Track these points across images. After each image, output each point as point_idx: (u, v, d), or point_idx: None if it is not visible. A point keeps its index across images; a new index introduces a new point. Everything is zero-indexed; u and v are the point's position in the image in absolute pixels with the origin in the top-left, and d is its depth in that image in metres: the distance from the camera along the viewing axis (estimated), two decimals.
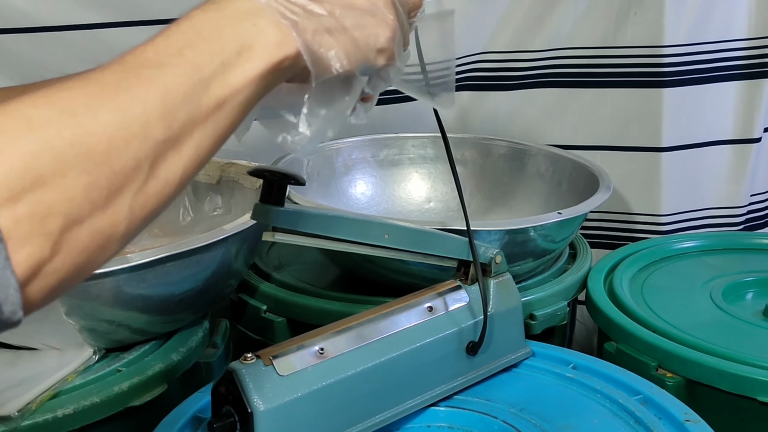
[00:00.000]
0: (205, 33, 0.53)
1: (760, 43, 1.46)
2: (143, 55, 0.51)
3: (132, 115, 0.47)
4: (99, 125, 0.46)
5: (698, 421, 0.86)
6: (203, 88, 0.51)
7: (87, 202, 0.45)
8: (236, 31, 0.54)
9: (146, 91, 0.48)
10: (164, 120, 0.49)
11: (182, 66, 0.51)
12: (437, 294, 0.93)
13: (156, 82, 0.49)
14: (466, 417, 0.90)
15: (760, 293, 1.26)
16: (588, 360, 1.00)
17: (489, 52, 1.52)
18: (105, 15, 1.31)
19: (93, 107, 0.46)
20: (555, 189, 1.37)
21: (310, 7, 0.57)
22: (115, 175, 0.46)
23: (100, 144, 0.45)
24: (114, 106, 0.47)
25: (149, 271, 0.96)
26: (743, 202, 1.55)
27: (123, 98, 0.47)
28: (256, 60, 0.54)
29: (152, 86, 0.49)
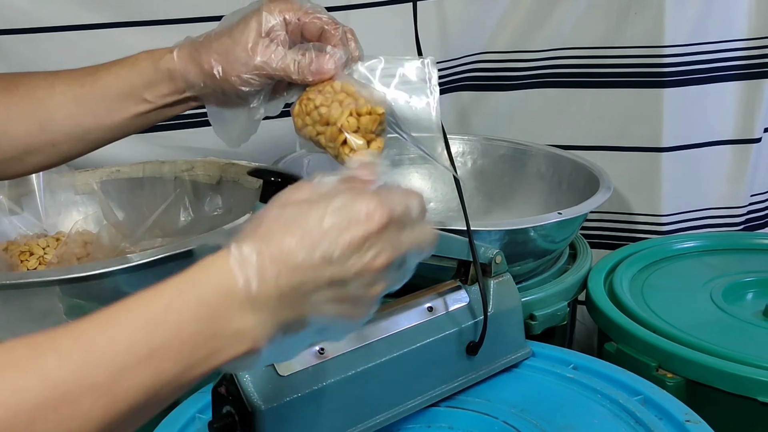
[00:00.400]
0: (183, 336, 0.50)
1: (760, 43, 1.46)
2: (115, 348, 0.48)
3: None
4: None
5: (699, 421, 0.86)
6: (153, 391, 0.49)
7: None
8: (214, 333, 0.51)
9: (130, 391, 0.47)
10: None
11: (147, 375, 0.48)
12: (437, 294, 0.93)
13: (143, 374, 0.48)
14: (466, 417, 0.90)
15: (760, 293, 1.26)
16: (588, 360, 1.00)
17: (489, 52, 1.52)
18: (105, 15, 1.31)
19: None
20: (555, 189, 1.37)
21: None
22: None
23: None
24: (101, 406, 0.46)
25: (149, 271, 0.96)
26: (743, 202, 1.55)
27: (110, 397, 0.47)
28: (217, 360, 0.52)
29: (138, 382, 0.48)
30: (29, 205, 1.27)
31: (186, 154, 1.37)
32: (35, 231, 1.26)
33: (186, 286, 0.52)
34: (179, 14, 1.32)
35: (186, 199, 1.31)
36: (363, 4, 1.40)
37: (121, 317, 0.50)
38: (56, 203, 1.29)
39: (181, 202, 1.31)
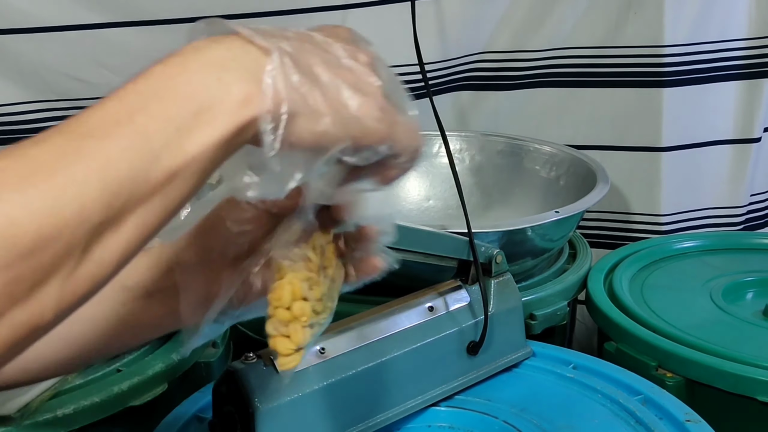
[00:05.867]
0: (161, 93, 0.46)
1: (760, 43, 1.46)
2: (89, 123, 0.44)
3: (66, 199, 0.41)
4: (27, 213, 0.40)
5: (699, 421, 0.86)
6: (152, 160, 0.44)
7: (7, 298, 0.40)
8: (195, 89, 0.46)
9: (85, 169, 0.42)
10: (103, 200, 0.43)
11: (129, 136, 0.44)
12: (438, 294, 0.93)
13: (97, 157, 0.43)
14: (466, 417, 0.90)
15: (760, 293, 1.26)
16: (588, 360, 1.00)
17: (489, 52, 1.52)
18: (105, 15, 1.31)
19: (23, 191, 0.40)
20: (553, 184, 1.37)
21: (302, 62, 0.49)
22: (42, 267, 0.41)
23: (26, 235, 0.40)
24: (46, 189, 0.41)
25: None
26: (743, 202, 1.55)
27: (58, 179, 0.41)
28: (215, 123, 0.46)
29: (92, 162, 0.42)
30: None
31: None
32: None
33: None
34: (179, 14, 1.32)
35: None
36: (361, 4, 1.41)
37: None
38: None
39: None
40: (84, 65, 1.33)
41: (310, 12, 1.39)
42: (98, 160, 0.43)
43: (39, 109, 1.34)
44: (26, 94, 1.33)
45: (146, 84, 0.46)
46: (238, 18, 1.35)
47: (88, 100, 1.35)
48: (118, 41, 1.32)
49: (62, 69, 1.32)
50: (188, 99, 0.46)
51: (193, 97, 0.46)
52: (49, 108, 1.34)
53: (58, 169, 0.41)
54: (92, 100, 1.36)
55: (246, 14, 1.36)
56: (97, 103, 0.46)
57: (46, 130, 0.44)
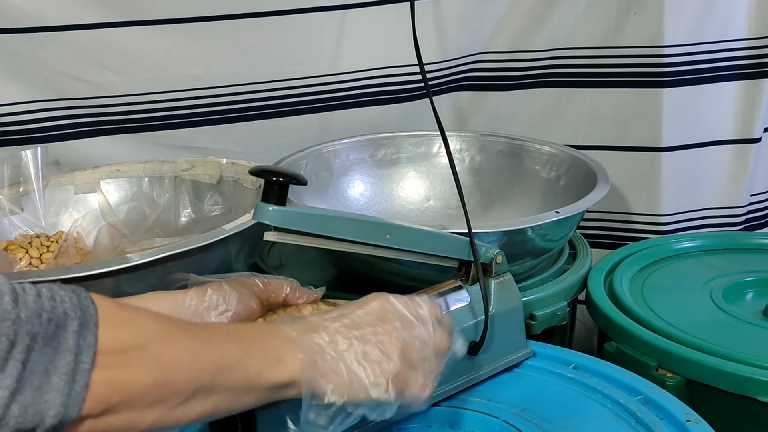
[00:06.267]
0: (261, 337, 0.69)
1: (760, 43, 1.46)
2: (223, 328, 0.72)
3: (198, 364, 0.63)
4: (180, 361, 0.62)
5: (699, 421, 0.86)
6: (245, 372, 0.66)
7: (139, 397, 0.59)
8: (278, 347, 0.68)
9: (211, 353, 0.64)
10: (210, 376, 0.63)
11: (241, 351, 0.66)
12: (438, 294, 0.93)
13: (220, 351, 0.65)
14: (467, 417, 0.90)
15: (760, 293, 1.26)
16: (589, 360, 1.00)
17: (489, 52, 1.52)
18: (105, 15, 1.31)
19: (182, 348, 0.63)
20: (553, 184, 1.37)
21: (327, 349, 0.70)
22: (163, 396, 0.60)
23: (176, 375, 0.61)
24: (194, 347, 0.63)
25: (149, 271, 0.96)
26: (743, 202, 1.55)
27: (202, 346, 0.64)
28: (284, 371, 0.67)
29: (217, 352, 0.64)
30: (29, 205, 1.27)
31: (186, 153, 1.37)
32: (35, 231, 1.26)
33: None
34: (179, 14, 1.33)
35: (186, 198, 1.31)
36: (361, 4, 1.41)
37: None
38: (56, 203, 1.29)
39: (181, 202, 1.31)
40: (84, 65, 1.33)
41: (310, 12, 1.39)
42: (220, 352, 0.65)
43: (39, 109, 1.34)
44: (26, 94, 1.32)
45: (255, 330, 0.73)
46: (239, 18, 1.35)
47: (88, 99, 1.35)
48: (118, 41, 1.32)
49: (62, 69, 1.32)
50: (275, 350, 0.68)
51: (277, 351, 0.68)
52: (49, 108, 1.34)
53: (198, 346, 0.64)
54: (92, 100, 1.37)
55: (246, 14, 1.36)
56: (231, 324, 0.79)
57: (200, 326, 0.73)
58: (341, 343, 0.71)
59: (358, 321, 0.73)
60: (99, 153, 1.38)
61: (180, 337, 0.63)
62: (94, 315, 0.57)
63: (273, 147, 1.42)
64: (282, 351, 0.68)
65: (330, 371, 0.69)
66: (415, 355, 0.74)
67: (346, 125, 1.47)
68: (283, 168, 0.85)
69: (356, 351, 0.71)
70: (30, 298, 0.55)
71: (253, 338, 0.68)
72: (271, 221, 0.78)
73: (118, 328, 0.59)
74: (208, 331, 0.68)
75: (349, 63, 1.44)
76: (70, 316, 0.56)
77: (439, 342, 0.77)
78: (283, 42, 1.39)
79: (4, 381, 0.52)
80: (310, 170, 1.35)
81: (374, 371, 0.70)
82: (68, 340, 0.55)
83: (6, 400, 0.52)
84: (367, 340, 0.72)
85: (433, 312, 0.78)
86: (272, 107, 1.44)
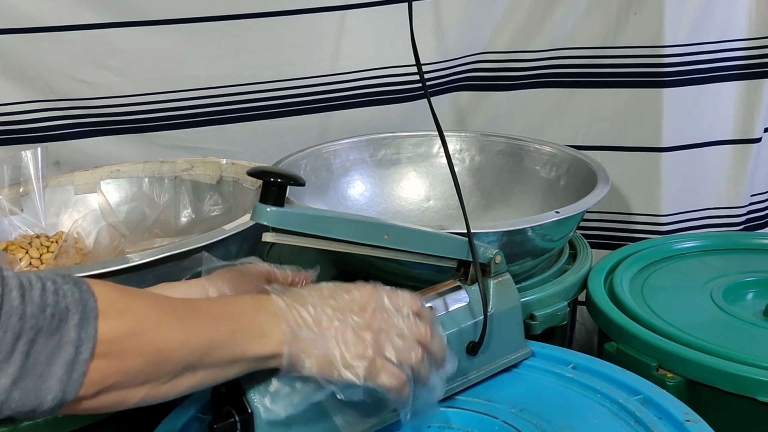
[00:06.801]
0: (248, 314, 0.73)
1: (760, 43, 1.46)
2: (213, 307, 0.73)
3: (192, 344, 0.67)
4: (177, 340, 0.67)
5: (698, 421, 0.86)
6: (232, 347, 0.70)
7: (131, 379, 0.64)
8: (264, 322, 0.73)
9: (203, 331, 0.69)
10: (199, 354, 0.68)
11: (229, 327, 0.71)
12: (437, 294, 0.93)
13: (210, 329, 0.69)
14: (466, 417, 0.90)
15: (760, 293, 1.26)
16: (588, 360, 1.00)
17: (489, 52, 1.53)
18: (105, 15, 1.31)
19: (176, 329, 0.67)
20: (553, 184, 1.37)
21: (311, 324, 0.75)
22: (153, 373, 0.65)
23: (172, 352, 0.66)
24: (186, 334, 0.67)
25: (149, 271, 0.96)
26: (743, 202, 1.55)
27: (194, 330, 0.68)
28: (267, 345, 0.72)
29: (207, 330, 0.69)
30: (29, 206, 1.27)
31: (186, 154, 1.37)
32: (35, 231, 1.26)
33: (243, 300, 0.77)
34: (179, 14, 1.33)
35: (186, 198, 1.31)
36: (361, 4, 1.41)
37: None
38: (56, 203, 1.29)
39: (181, 202, 1.31)
40: (84, 65, 1.33)
41: (310, 13, 1.39)
42: (210, 333, 0.69)
43: (39, 109, 1.34)
44: (26, 94, 1.33)
45: (241, 304, 0.75)
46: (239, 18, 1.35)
47: (88, 100, 1.35)
48: (118, 41, 1.32)
49: (62, 69, 1.32)
50: (259, 325, 0.73)
51: (261, 326, 0.73)
52: (49, 108, 1.34)
53: (190, 329, 0.68)
54: (92, 100, 1.37)
55: (247, 14, 1.36)
56: (215, 298, 0.83)
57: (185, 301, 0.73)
58: (324, 322, 0.75)
59: (343, 305, 0.77)
60: (99, 153, 1.38)
61: (173, 321, 0.67)
62: (94, 308, 0.61)
63: (273, 147, 1.42)
64: (266, 326, 0.73)
65: (310, 346, 0.74)
66: (389, 344, 0.77)
67: (346, 125, 1.47)
68: (281, 169, 0.85)
69: (336, 332, 0.75)
70: (36, 293, 0.59)
71: (240, 315, 0.73)
72: (269, 222, 0.78)
73: (117, 318, 0.63)
74: (200, 312, 0.71)
75: (349, 63, 1.44)
76: (72, 311, 0.60)
77: (418, 333, 0.80)
78: (283, 42, 1.40)
79: (8, 369, 0.57)
80: (310, 170, 1.35)
81: (349, 354, 0.75)
82: (70, 332, 0.59)
83: (8, 386, 0.57)
84: (347, 324, 0.76)
85: (414, 305, 0.81)
86: (272, 107, 1.44)
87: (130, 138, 1.40)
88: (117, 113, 1.37)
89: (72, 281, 0.62)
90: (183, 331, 0.67)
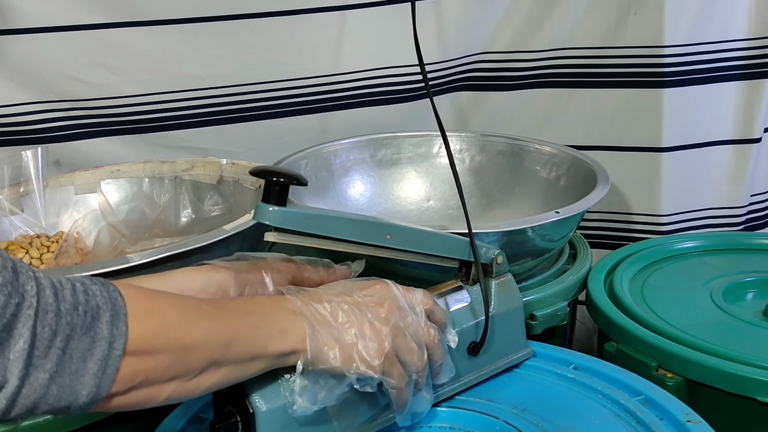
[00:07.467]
0: (267, 311, 0.75)
1: (760, 43, 1.46)
2: (234, 304, 0.76)
3: (213, 341, 0.69)
4: (200, 335, 0.68)
5: (699, 421, 0.86)
6: (252, 344, 0.72)
7: (159, 375, 0.65)
8: (283, 319, 0.75)
9: (224, 327, 0.70)
10: (221, 350, 0.69)
11: (249, 324, 0.72)
12: (439, 294, 0.92)
13: (232, 325, 0.71)
14: (467, 417, 0.90)
15: (760, 293, 1.26)
16: (589, 360, 1.00)
17: (489, 52, 1.53)
18: (105, 15, 1.31)
19: (198, 325, 0.69)
20: (554, 185, 1.37)
21: (329, 319, 0.76)
22: (181, 369, 0.67)
23: (194, 347, 0.67)
24: (207, 330, 0.69)
25: (149, 271, 0.96)
26: (743, 203, 1.55)
27: (211, 327, 0.69)
28: (287, 341, 0.74)
29: (228, 327, 0.70)
30: (29, 205, 1.27)
31: (186, 154, 1.37)
32: (35, 231, 1.26)
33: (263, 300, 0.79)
34: (179, 14, 1.33)
35: (186, 198, 1.31)
36: (361, 4, 1.41)
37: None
38: (56, 203, 1.29)
39: (181, 202, 1.31)
40: (84, 65, 1.33)
41: (310, 13, 1.39)
42: (231, 329, 0.71)
43: (39, 110, 1.34)
44: (27, 95, 1.32)
45: (260, 303, 0.77)
46: (239, 18, 1.35)
47: (88, 100, 1.35)
48: (118, 41, 1.32)
49: (63, 69, 1.32)
50: (279, 321, 0.74)
51: (281, 322, 0.74)
52: (50, 108, 1.34)
53: (212, 325, 0.69)
54: (93, 101, 1.37)
55: (247, 14, 1.36)
56: (228, 299, 0.83)
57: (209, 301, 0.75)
58: (341, 317, 0.77)
59: (359, 300, 0.79)
60: (99, 153, 1.38)
61: (196, 319, 0.69)
62: (123, 306, 0.63)
63: (273, 147, 1.42)
64: (286, 322, 0.74)
65: (332, 339, 0.75)
66: (404, 343, 0.79)
67: (346, 125, 1.47)
68: (283, 168, 0.84)
69: (354, 327, 0.77)
70: (67, 292, 0.60)
71: (259, 312, 0.74)
72: (272, 222, 0.78)
73: (145, 316, 0.65)
74: (220, 309, 0.72)
75: (350, 63, 1.44)
76: (102, 308, 0.62)
77: (428, 337, 0.82)
78: (283, 42, 1.39)
79: (46, 365, 0.58)
80: (310, 170, 1.35)
81: (366, 348, 0.76)
82: (103, 329, 0.61)
83: (46, 381, 0.58)
84: (365, 318, 0.78)
85: (427, 303, 0.83)
86: (272, 107, 1.44)
87: (130, 138, 1.40)
88: (117, 113, 1.37)
89: (99, 282, 0.64)
90: (205, 328, 0.69)
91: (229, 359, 0.70)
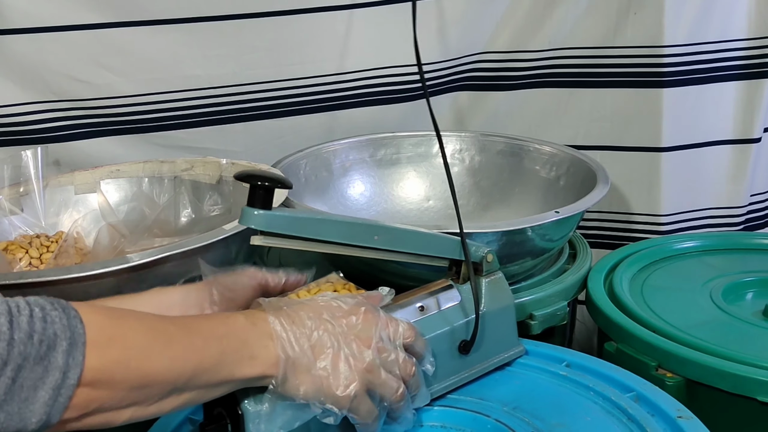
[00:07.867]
0: (239, 335, 0.73)
1: (760, 43, 1.46)
2: (202, 328, 0.72)
3: (177, 367, 0.68)
4: (163, 364, 0.67)
5: (690, 417, 0.86)
6: (219, 370, 0.71)
7: (116, 403, 0.65)
8: (255, 344, 0.73)
9: (190, 355, 0.69)
10: (186, 378, 0.69)
11: (217, 349, 0.71)
12: (429, 293, 0.92)
13: (198, 352, 0.70)
14: (459, 416, 0.90)
15: (760, 293, 1.25)
16: (581, 358, 1.00)
17: (489, 52, 1.53)
18: (105, 15, 1.31)
19: (168, 354, 0.68)
20: (553, 184, 1.37)
21: (305, 348, 0.75)
22: (138, 397, 0.66)
23: (155, 377, 0.67)
24: (174, 356, 0.68)
25: (149, 271, 0.96)
26: (743, 202, 1.55)
27: (182, 353, 0.69)
28: (256, 367, 0.73)
29: (194, 354, 0.70)
30: (29, 205, 1.27)
31: (185, 153, 1.37)
32: (35, 231, 1.26)
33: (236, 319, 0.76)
34: (179, 14, 1.33)
35: (186, 198, 1.31)
36: (363, 4, 1.41)
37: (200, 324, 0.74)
38: (56, 203, 1.30)
39: (180, 202, 1.31)
40: (84, 65, 1.33)
41: (310, 13, 1.39)
42: (198, 357, 0.70)
43: (39, 110, 1.34)
44: (27, 95, 1.33)
45: (234, 324, 0.74)
46: (239, 18, 1.36)
47: (88, 100, 1.35)
48: (118, 41, 1.33)
49: (63, 69, 1.32)
50: (249, 347, 0.73)
51: (251, 347, 0.73)
52: (49, 108, 1.35)
53: (178, 353, 0.68)
54: (92, 101, 1.38)
55: (247, 14, 1.36)
56: (205, 317, 0.81)
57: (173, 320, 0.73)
58: (318, 348, 0.76)
59: (339, 331, 0.78)
60: (99, 153, 1.39)
61: (162, 346, 0.68)
62: (82, 334, 0.62)
63: (273, 147, 1.42)
64: (258, 347, 0.73)
65: (303, 371, 0.75)
66: (377, 381, 0.78)
67: (346, 125, 1.47)
68: (267, 172, 0.85)
69: (328, 360, 0.76)
70: (24, 320, 0.60)
71: (231, 336, 0.73)
72: (257, 225, 0.78)
73: (105, 345, 0.64)
74: (189, 334, 0.71)
75: (349, 63, 1.45)
76: (60, 337, 0.61)
77: (404, 370, 0.81)
78: (283, 42, 1.40)
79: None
80: (310, 170, 1.35)
81: (337, 384, 0.76)
82: (58, 359, 0.60)
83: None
84: (340, 353, 0.77)
85: (408, 336, 0.82)
86: (273, 107, 1.44)
87: (130, 138, 1.40)
88: (117, 113, 1.38)
89: (60, 307, 0.63)
90: (170, 356, 0.68)
91: (193, 386, 0.70)
